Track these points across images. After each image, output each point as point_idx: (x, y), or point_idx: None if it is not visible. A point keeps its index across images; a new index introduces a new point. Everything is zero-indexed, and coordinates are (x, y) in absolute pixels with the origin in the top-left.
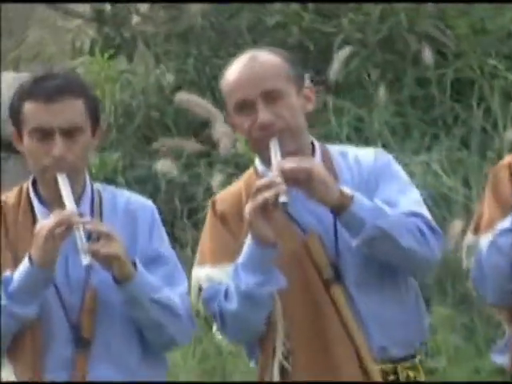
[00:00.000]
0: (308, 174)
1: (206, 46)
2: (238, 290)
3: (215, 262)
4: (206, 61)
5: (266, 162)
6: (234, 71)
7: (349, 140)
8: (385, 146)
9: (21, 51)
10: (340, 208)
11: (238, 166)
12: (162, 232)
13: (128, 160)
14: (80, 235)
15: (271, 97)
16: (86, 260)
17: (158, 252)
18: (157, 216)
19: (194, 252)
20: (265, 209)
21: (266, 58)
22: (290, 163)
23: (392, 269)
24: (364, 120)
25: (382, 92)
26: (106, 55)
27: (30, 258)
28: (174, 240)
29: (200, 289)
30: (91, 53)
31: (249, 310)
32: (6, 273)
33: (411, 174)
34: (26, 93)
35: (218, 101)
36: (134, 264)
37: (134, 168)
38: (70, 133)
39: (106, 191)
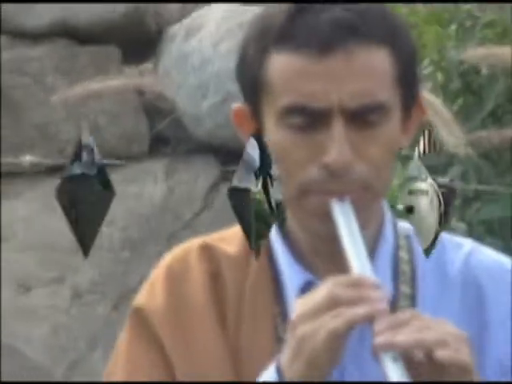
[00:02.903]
0: None
1: None
2: None
3: None
4: None
5: None
6: None
7: None
8: None
9: None
10: None
11: None
12: None
13: (471, 175)
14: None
15: None
16: (397, 374)
17: None
18: None
19: None
20: None
21: None
22: None
23: None
24: None
25: None
26: None
27: (278, 371)
28: None
29: None
30: None
31: None
32: None
33: None
34: (273, 35)
35: None
36: None
37: (481, 195)
38: (362, 118)
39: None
